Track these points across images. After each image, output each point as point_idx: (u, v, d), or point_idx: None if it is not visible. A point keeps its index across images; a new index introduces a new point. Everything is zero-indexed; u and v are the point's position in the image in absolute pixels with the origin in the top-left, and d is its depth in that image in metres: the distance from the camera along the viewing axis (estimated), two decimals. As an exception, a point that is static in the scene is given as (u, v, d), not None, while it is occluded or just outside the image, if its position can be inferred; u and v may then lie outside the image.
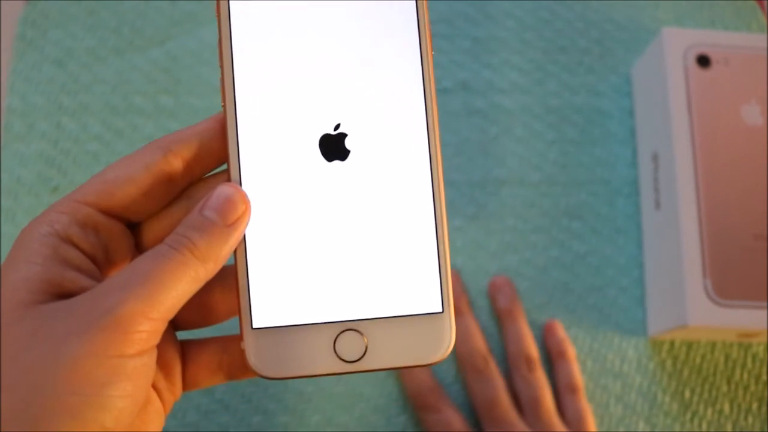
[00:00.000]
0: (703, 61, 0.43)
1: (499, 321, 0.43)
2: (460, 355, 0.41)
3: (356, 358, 0.24)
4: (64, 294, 0.21)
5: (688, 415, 0.42)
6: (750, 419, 0.42)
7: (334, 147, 0.25)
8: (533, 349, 0.41)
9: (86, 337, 0.20)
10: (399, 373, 0.41)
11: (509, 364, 0.41)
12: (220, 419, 0.41)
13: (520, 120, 0.47)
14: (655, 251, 0.43)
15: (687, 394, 0.43)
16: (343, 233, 0.25)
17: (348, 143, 0.25)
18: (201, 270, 0.22)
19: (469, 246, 0.45)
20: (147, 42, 0.48)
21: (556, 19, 0.49)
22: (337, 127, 0.25)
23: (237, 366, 0.26)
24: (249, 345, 0.24)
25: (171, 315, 0.22)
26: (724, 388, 0.43)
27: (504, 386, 0.40)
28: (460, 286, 0.43)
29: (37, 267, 0.21)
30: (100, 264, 0.23)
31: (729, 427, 0.42)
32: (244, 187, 0.24)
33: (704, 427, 0.42)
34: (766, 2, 0.50)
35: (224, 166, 0.25)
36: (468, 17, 0.49)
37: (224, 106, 0.25)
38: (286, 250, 0.25)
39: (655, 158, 0.44)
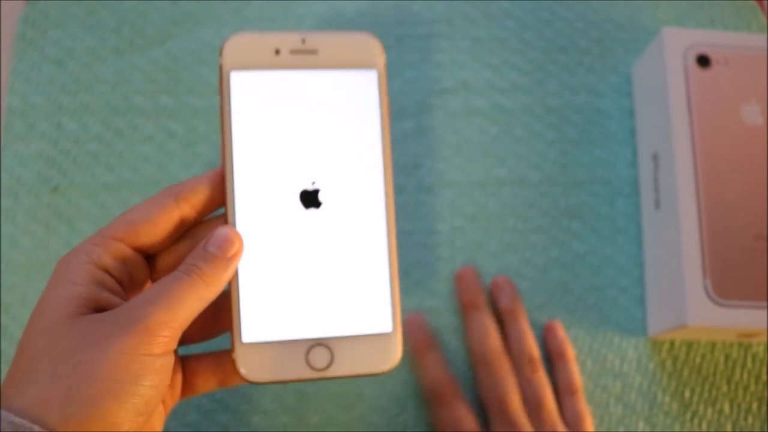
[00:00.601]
0: (703, 61, 0.43)
1: (501, 321, 0.43)
2: (474, 352, 0.41)
3: (324, 367, 0.31)
4: (99, 309, 0.27)
5: (688, 415, 0.42)
6: (750, 419, 0.42)
7: (310, 199, 0.32)
8: (535, 350, 0.41)
9: (124, 339, 0.26)
10: (414, 367, 0.42)
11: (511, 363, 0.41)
12: (220, 419, 0.41)
13: (520, 120, 0.47)
14: (655, 251, 0.43)
15: (687, 394, 0.43)
16: (315, 266, 0.32)
17: (321, 196, 0.32)
18: (207, 292, 0.28)
19: (469, 246, 0.45)
20: (147, 42, 0.48)
21: (556, 19, 0.49)
22: (313, 183, 0.32)
23: (227, 374, 0.32)
24: (239, 355, 0.30)
25: (185, 326, 0.27)
26: (724, 388, 0.43)
27: (516, 386, 0.40)
28: (477, 284, 0.43)
29: (80, 288, 0.27)
30: (125, 287, 0.29)
31: (729, 427, 0.42)
32: (238, 228, 0.31)
33: (704, 427, 0.42)
34: (766, 2, 0.50)
35: (222, 211, 0.31)
36: (468, 17, 0.49)
37: (224, 163, 0.31)
38: (270, 279, 0.31)
39: (655, 158, 0.44)
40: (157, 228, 0.29)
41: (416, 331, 0.42)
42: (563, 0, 0.50)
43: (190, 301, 0.27)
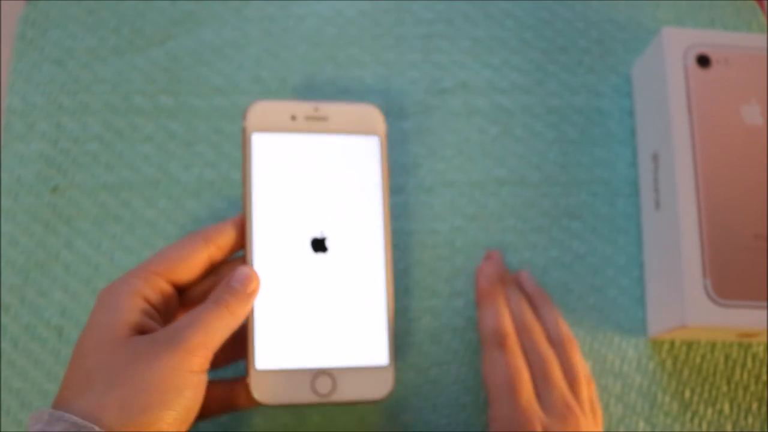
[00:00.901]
0: (703, 61, 0.43)
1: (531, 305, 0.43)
2: (485, 333, 0.40)
3: (327, 393, 0.36)
4: (142, 332, 0.32)
5: (688, 415, 0.42)
6: (750, 419, 0.42)
7: (319, 245, 0.37)
8: (568, 330, 0.42)
9: (170, 357, 0.30)
10: (477, 304, 0.42)
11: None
12: (221, 419, 0.41)
13: (520, 120, 0.47)
14: (654, 251, 0.43)
15: (687, 394, 0.43)
16: (322, 304, 0.36)
17: (328, 243, 0.37)
18: (232, 321, 0.33)
19: (469, 246, 0.45)
20: (147, 42, 0.48)
21: (556, 19, 0.49)
22: (321, 232, 0.37)
23: (238, 399, 0.36)
24: (253, 380, 0.35)
25: (216, 349, 0.32)
26: (724, 388, 0.43)
27: (526, 366, 0.39)
28: (499, 268, 0.43)
29: (127, 314, 0.32)
30: (161, 314, 0.34)
31: (729, 427, 0.42)
32: (256, 268, 0.35)
33: (704, 427, 0.42)
34: (766, 2, 0.50)
35: (242, 252, 0.36)
36: (468, 17, 0.49)
37: (244, 211, 0.36)
38: (282, 314, 0.36)
39: (655, 158, 0.44)
40: (190, 266, 0.34)
41: (485, 279, 0.42)
42: (563, 0, 0.50)
43: (220, 328, 0.32)
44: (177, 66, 0.47)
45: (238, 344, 0.36)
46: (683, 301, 0.39)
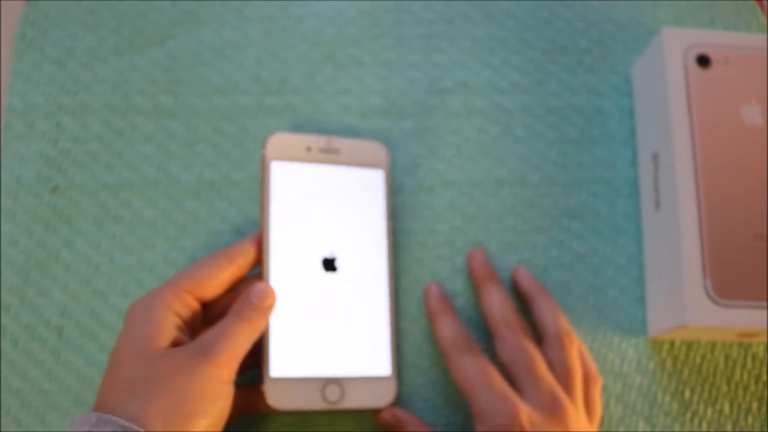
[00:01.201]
0: (703, 60, 0.43)
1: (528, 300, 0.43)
2: (495, 317, 0.41)
3: (336, 400, 0.38)
4: (174, 344, 0.34)
5: (688, 415, 0.42)
6: (750, 419, 0.42)
7: (329, 265, 0.40)
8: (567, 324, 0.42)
9: (205, 370, 0.33)
10: (431, 322, 0.42)
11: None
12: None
13: (520, 120, 0.47)
14: (654, 251, 0.43)
15: (687, 394, 0.43)
16: (331, 319, 0.40)
17: (338, 263, 0.40)
18: (252, 333, 0.36)
19: (469, 246, 0.45)
20: (147, 42, 0.48)
21: (556, 19, 0.49)
22: (331, 252, 0.40)
23: (252, 405, 0.38)
24: (267, 387, 0.38)
25: (241, 360, 0.35)
26: (724, 388, 0.43)
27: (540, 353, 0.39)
28: (488, 261, 0.44)
29: (161, 327, 0.34)
30: (188, 328, 0.36)
31: (729, 427, 0.42)
32: (272, 284, 0.38)
33: (704, 427, 0.42)
34: (766, 2, 0.50)
35: (256, 270, 0.39)
36: (468, 17, 0.49)
37: (262, 233, 0.39)
38: (295, 327, 0.39)
39: (655, 158, 0.44)
40: (216, 284, 0.37)
41: (433, 296, 0.43)
42: (563, 0, 0.50)
43: (244, 340, 0.35)
44: (177, 66, 0.47)
45: (252, 354, 0.37)
46: (683, 301, 0.39)
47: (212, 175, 0.45)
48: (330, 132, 0.45)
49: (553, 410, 0.37)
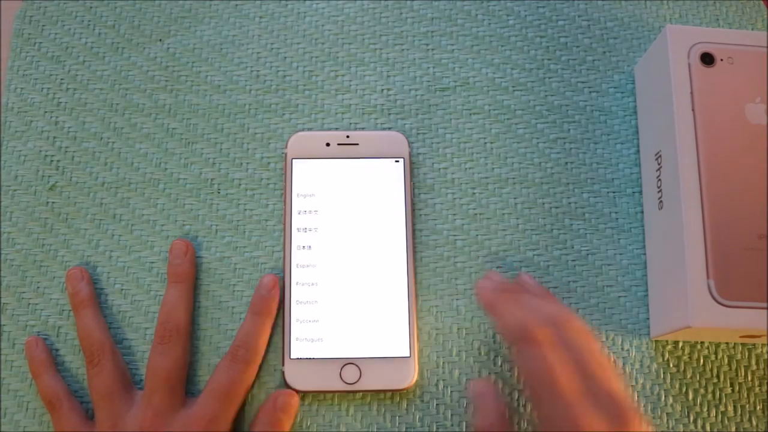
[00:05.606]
0: (707, 59, 0.42)
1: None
2: (508, 331, 0.37)
3: (353, 382, 0.40)
4: None
5: (692, 417, 0.42)
6: (754, 421, 0.42)
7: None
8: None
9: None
10: (489, 311, 0.39)
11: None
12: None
13: (521, 118, 0.47)
14: (658, 251, 0.43)
15: (690, 395, 0.42)
16: (351, 303, 0.41)
17: (358, 250, 0.42)
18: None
19: (470, 246, 0.44)
20: (146, 39, 0.47)
21: (558, 17, 0.49)
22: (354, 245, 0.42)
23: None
24: (287, 369, 0.40)
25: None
26: (728, 390, 0.43)
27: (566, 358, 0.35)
28: (499, 280, 0.42)
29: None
30: None
31: (733, 429, 0.42)
32: (292, 274, 0.41)
33: (708, 428, 0.42)
34: (770, 0, 0.50)
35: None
36: (470, 15, 0.49)
37: (284, 223, 0.42)
38: (314, 311, 0.41)
39: (658, 157, 0.43)
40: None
41: (489, 282, 0.41)
42: (566, -3, 0.49)
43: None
44: (176, 63, 0.47)
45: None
46: (687, 302, 0.38)
47: (211, 173, 0.45)
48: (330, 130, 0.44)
49: (622, 417, 0.32)
